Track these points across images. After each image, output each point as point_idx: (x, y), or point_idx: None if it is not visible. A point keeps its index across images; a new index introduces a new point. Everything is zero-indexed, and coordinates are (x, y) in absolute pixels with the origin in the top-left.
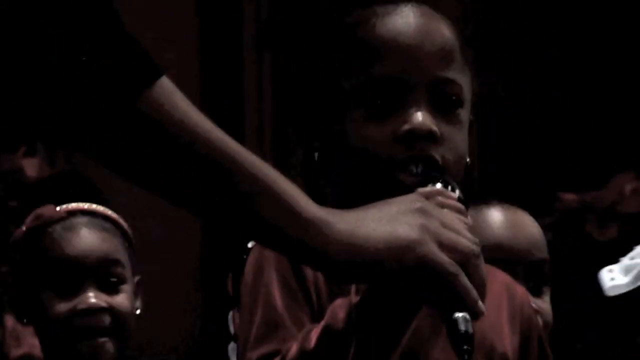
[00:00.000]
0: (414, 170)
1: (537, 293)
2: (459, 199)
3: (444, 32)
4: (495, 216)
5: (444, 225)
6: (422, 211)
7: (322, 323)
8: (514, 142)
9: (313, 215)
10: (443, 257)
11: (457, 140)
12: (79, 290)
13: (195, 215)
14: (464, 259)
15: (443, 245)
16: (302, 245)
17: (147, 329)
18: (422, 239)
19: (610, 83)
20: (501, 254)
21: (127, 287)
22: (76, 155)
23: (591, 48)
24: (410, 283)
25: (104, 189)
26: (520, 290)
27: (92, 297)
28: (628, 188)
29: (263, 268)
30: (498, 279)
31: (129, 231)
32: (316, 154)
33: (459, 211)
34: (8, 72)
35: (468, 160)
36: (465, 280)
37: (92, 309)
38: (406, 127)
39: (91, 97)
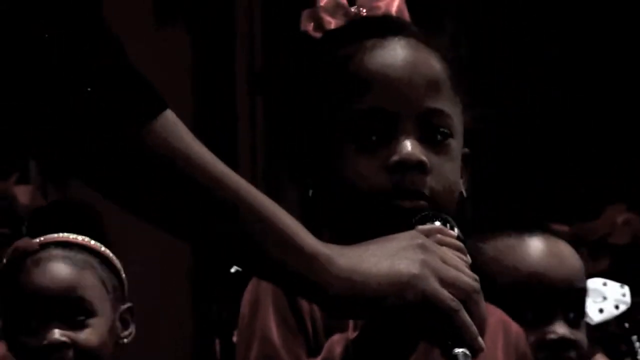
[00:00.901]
0: (402, 202)
1: (575, 325)
2: (457, 238)
3: (433, 63)
4: (537, 245)
5: (445, 262)
6: (422, 247)
7: (319, 358)
8: (506, 174)
9: (315, 250)
10: (444, 293)
11: (447, 171)
12: (45, 325)
13: (197, 248)
14: (464, 296)
15: (444, 281)
16: (303, 280)
17: (139, 357)
18: (424, 275)
19: (602, 115)
20: (542, 283)
21: (96, 321)
22: (69, 184)
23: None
24: (411, 318)
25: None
26: (515, 327)
27: (55, 333)
28: (619, 220)
29: (259, 302)
30: (494, 316)
31: (114, 260)
32: (310, 191)
33: (458, 249)
34: (11, 96)
35: (464, 192)
36: (465, 316)
37: (54, 345)
38: (395, 157)
39: (95, 128)
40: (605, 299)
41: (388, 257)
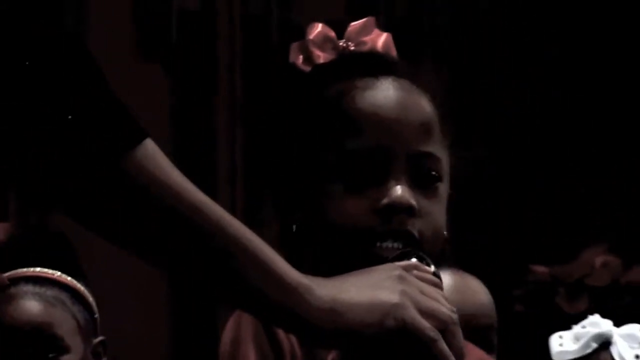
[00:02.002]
0: (392, 246)
1: None
2: (434, 274)
3: (424, 106)
4: (444, 280)
5: (423, 293)
6: (401, 278)
7: None
8: (485, 215)
9: (295, 281)
10: (424, 322)
11: (436, 214)
12: None
13: (176, 278)
14: (442, 326)
15: (422, 312)
16: (283, 311)
17: None
18: (403, 304)
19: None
20: None
21: (68, 358)
22: (50, 218)
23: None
24: (391, 348)
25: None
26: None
27: None
28: (598, 261)
29: (240, 339)
30: (472, 355)
31: (85, 294)
32: (294, 226)
33: (434, 284)
34: None
35: (445, 233)
36: (444, 345)
37: None
38: (385, 200)
39: (75, 156)
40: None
41: (368, 288)
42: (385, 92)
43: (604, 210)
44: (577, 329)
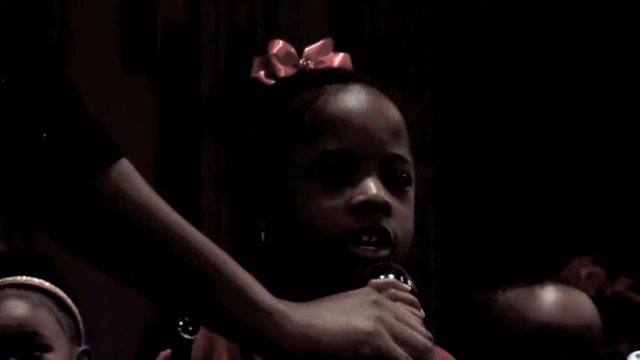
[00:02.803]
0: (367, 239)
1: None
2: (411, 291)
3: (394, 111)
4: (548, 296)
5: (398, 319)
6: (376, 304)
7: None
8: (470, 226)
9: (270, 306)
10: (399, 351)
11: (406, 217)
12: None
13: (149, 298)
14: (418, 354)
15: (398, 339)
16: (258, 336)
17: None
18: (378, 331)
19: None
20: (551, 334)
21: (52, 356)
22: (34, 233)
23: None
24: None
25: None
26: None
27: None
28: (584, 272)
29: (213, 348)
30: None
31: (68, 301)
32: (262, 234)
33: (411, 303)
34: None
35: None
36: None
37: None
38: (361, 197)
39: (49, 175)
40: None
41: (343, 314)
42: (357, 96)
43: (590, 221)
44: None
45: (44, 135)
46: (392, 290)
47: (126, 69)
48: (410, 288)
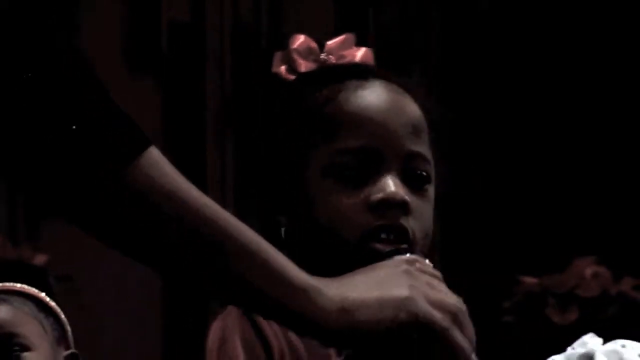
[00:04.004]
0: (386, 237)
1: None
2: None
3: (414, 108)
4: None
5: (430, 286)
6: (407, 272)
7: None
8: (475, 226)
9: (304, 283)
10: (435, 314)
11: (425, 215)
12: None
13: (181, 282)
14: (452, 316)
15: (432, 304)
16: (294, 314)
17: None
18: (414, 297)
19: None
20: None
21: (32, 355)
22: (40, 234)
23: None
24: (404, 342)
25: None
26: None
27: None
28: (588, 272)
29: (227, 338)
30: None
31: (51, 304)
32: (282, 230)
33: (436, 277)
34: None
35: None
36: (457, 333)
37: None
38: (380, 195)
39: (80, 166)
40: None
41: (376, 284)
42: (378, 93)
43: (594, 221)
44: (568, 350)
45: (73, 127)
46: (418, 264)
47: (131, 68)
48: (432, 265)
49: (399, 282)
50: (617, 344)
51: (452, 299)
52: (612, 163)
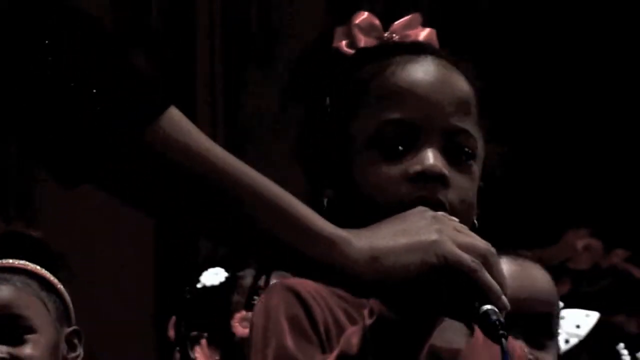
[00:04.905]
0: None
1: (540, 346)
2: None
3: (463, 84)
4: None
5: (458, 231)
6: (435, 218)
7: (336, 351)
8: None
9: (332, 234)
10: (464, 255)
11: (467, 189)
12: None
13: (207, 239)
14: (481, 259)
15: (460, 246)
16: (324, 265)
17: None
18: (442, 240)
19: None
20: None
21: (36, 337)
22: (29, 211)
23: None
24: (434, 285)
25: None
26: (519, 349)
27: None
28: (580, 245)
29: (270, 314)
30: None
31: (53, 281)
32: (325, 200)
33: (463, 227)
34: (16, 101)
35: (476, 222)
36: (487, 274)
37: None
38: (418, 167)
39: (103, 128)
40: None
41: (404, 230)
42: (425, 67)
43: (586, 194)
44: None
45: (94, 90)
46: (444, 215)
47: (120, 42)
48: (458, 220)
49: (427, 227)
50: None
51: (482, 243)
52: (604, 136)
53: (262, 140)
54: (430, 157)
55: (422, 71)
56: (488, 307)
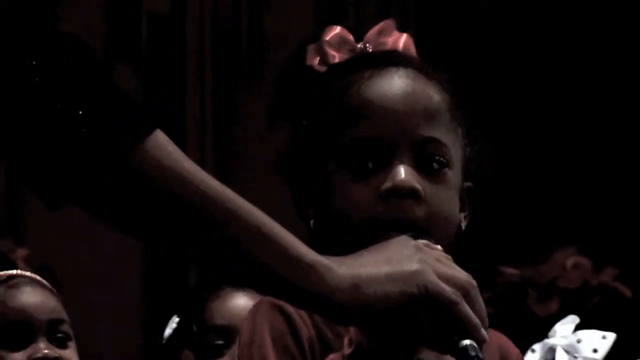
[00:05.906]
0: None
1: None
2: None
3: (430, 93)
4: None
5: (440, 261)
6: (417, 247)
7: None
8: None
9: (313, 261)
10: (445, 287)
11: (443, 200)
12: (31, 343)
13: (192, 263)
14: (462, 291)
15: (441, 277)
16: (304, 292)
17: None
18: (423, 270)
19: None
20: None
21: (73, 344)
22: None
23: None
24: (415, 316)
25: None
26: (514, 351)
27: (45, 348)
28: (569, 263)
29: (255, 329)
30: (492, 340)
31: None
32: (311, 222)
33: (446, 257)
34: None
35: (463, 226)
36: (467, 307)
37: (47, 358)
38: (388, 184)
39: (88, 151)
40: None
41: (386, 259)
42: (390, 81)
43: (575, 212)
44: (545, 340)
45: (80, 112)
46: (426, 244)
47: (111, 61)
48: (441, 249)
49: (409, 257)
50: (574, 338)
51: (463, 275)
52: (591, 154)
53: (253, 161)
54: (402, 172)
55: (387, 85)
56: (467, 342)
